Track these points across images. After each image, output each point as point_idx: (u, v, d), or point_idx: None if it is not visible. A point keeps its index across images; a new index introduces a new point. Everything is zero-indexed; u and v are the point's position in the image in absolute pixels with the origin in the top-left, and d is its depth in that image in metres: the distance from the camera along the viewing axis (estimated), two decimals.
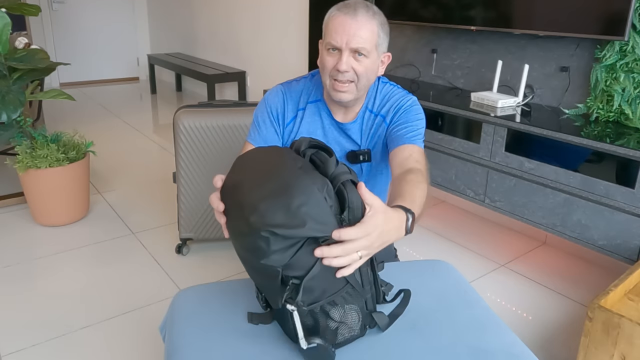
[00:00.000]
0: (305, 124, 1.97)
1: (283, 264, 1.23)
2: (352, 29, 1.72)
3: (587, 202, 2.75)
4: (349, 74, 1.77)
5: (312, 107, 1.98)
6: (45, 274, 3.13)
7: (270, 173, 1.30)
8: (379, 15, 1.79)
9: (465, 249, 3.54)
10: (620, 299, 2.30)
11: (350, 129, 1.96)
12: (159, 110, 7.59)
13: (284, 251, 1.22)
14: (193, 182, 3.17)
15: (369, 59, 1.77)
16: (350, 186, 1.27)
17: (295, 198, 1.20)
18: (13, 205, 4.00)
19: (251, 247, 1.25)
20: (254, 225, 1.20)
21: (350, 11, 1.73)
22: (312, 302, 1.31)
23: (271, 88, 2.03)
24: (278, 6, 5.95)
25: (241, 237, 1.31)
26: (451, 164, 3.39)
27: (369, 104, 1.96)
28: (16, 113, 3.22)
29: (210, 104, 3.21)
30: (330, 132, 1.98)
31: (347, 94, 1.81)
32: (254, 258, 1.25)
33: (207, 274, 3.15)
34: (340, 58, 1.75)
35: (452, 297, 1.65)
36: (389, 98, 1.96)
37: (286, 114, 1.98)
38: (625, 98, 2.96)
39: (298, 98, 1.99)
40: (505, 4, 3.39)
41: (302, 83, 2.02)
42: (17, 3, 3.69)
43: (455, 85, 3.98)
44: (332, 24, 1.76)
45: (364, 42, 1.73)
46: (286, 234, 1.19)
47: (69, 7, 8.43)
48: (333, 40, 1.75)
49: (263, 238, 1.20)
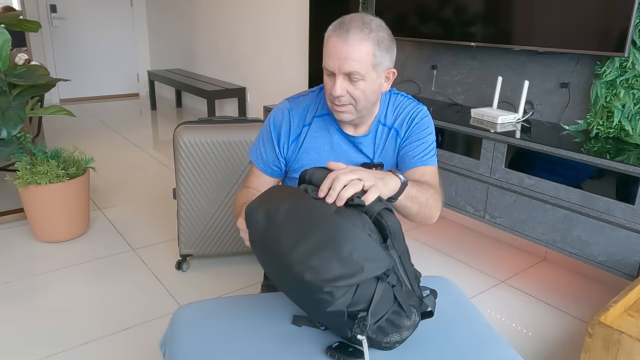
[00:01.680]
0: (311, 139, 1.92)
1: (347, 304, 1.26)
2: (343, 52, 1.65)
3: (587, 218, 2.75)
4: (344, 98, 1.72)
5: (319, 122, 1.92)
6: (45, 290, 3.12)
7: (307, 223, 1.31)
8: (377, 32, 1.69)
9: (465, 265, 3.53)
10: (621, 315, 2.30)
11: (362, 142, 1.91)
12: (159, 126, 7.61)
13: (345, 294, 1.25)
14: (193, 198, 3.17)
15: (365, 81, 1.70)
16: (386, 213, 1.32)
17: (344, 246, 1.23)
18: (13, 221, 4.00)
19: (314, 300, 1.28)
20: (313, 283, 1.23)
21: (343, 33, 1.65)
22: (375, 322, 1.34)
23: (279, 103, 1.99)
24: (278, 23, 5.97)
25: (298, 292, 1.36)
26: (451, 180, 3.39)
27: (381, 117, 1.91)
28: (16, 129, 3.22)
29: (210, 120, 3.22)
30: (339, 146, 1.92)
31: (346, 114, 1.78)
32: (318, 308, 1.29)
33: (207, 290, 3.15)
34: (335, 83, 1.70)
35: (452, 313, 1.65)
36: (402, 110, 1.92)
37: (291, 131, 1.93)
38: (625, 114, 2.96)
39: (305, 113, 1.94)
40: (505, 20, 3.41)
41: (310, 98, 1.97)
42: (17, 19, 3.70)
43: (455, 101, 3.99)
44: (327, 47, 1.71)
45: (357, 66, 1.66)
46: (349, 283, 1.23)
47: (68, 23, 8.46)
48: (327, 65, 1.71)
49: (326, 292, 1.23)
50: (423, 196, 1.61)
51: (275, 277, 1.43)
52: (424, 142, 1.87)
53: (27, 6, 7.52)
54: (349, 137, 1.90)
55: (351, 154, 1.92)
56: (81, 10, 8.52)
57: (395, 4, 4.07)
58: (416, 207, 1.60)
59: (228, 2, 6.86)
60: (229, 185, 3.18)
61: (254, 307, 1.61)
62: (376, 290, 1.29)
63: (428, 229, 4.02)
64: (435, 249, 3.74)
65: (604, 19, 2.90)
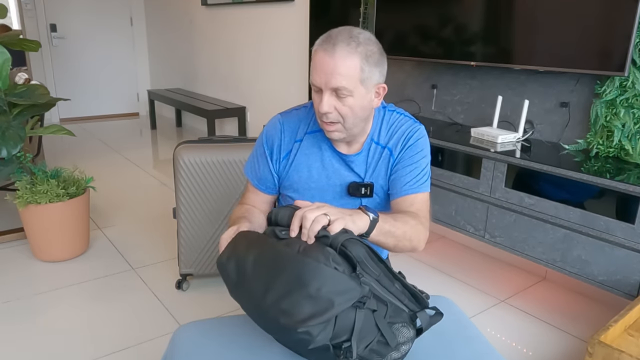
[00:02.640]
0: (302, 156, 1.88)
1: (329, 338, 1.28)
2: (329, 67, 1.60)
3: (587, 238, 2.75)
4: (332, 115, 1.67)
5: (310, 138, 1.88)
6: (45, 309, 3.12)
7: (274, 269, 1.34)
8: (365, 45, 1.63)
9: (466, 284, 3.53)
10: (621, 334, 2.30)
11: (354, 161, 1.86)
12: (159, 145, 7.62)
13: (325, 329, 1.26)
14: (193, 217, 3.17)
15: (353, 97, 1.65)
16: (350, 243, 1.34)
17: (311, 284, 1.25)
18: (13, 241, 3.99)
19: (294, 340, 1.31)
20: (289, 326, 1.25)
21: (329, 47, 1.60)
22: (366, 346, 1.34)
23: (272, 118, 1.96)
24: (279, 43, 6.01)
25: (279, 334, 1.39)
26: (451, 199, 3.40)
27: (374, 135, 1.86)
28: (16, 149, 3.23)
29: (210, 139, 3.22)
30: (331, 164, 1.87)
31: (336, 133, 1.74)
32: (300, 347, 1.31)
33: (207, 309, 3.14)
34: (322, 99, 1.65)
35: (452, 333, 1.65)
36: (397, 129, 1.86)
37: (282, 147, 1.89)
38: (625, 133, 2.97)
39: (296, 129, 1.90)
40: (505, 40, 3.42)
41: (302, 112, 1.93)
42: (17, 39, 3.71)
43: (455, 120, 4.00)
44: (313, 61, 1.66)
45: (344, 81, 1.61)
46: (321, 320, 1.24)
47: (68, 42, 8.51)
48: (313, 80, 1.66)
49: (302, 333, 1.24)
50: (399, 230, 1.58)
51: (258, 321, 1.45)
52: (417, 167, 1.83)
53: (27, 25, 7.57)
54: (341, 155, 1.86)
55: (342, 172, 1.88)
56: (81, 29, 8.57)
57: (395, 23, 4.09)
58: (392, 241, 1.57)
59: (229, 25, 6.89)
60: (229, 204, 3.18)
61: (254, 326, 1.61)
62: (356, 318, 1.30)
63: (428, 249, 4.02)
64: (436, 268, 3.74)
65: (604, 38, 2.91)
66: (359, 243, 1.35)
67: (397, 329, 1.38)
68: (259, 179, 1.95)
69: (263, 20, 6.21)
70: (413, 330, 1.42)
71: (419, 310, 1.44)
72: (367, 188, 1.86)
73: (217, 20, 7.14)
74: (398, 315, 1.39)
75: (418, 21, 3.94)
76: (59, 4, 8.27)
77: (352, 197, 1.89)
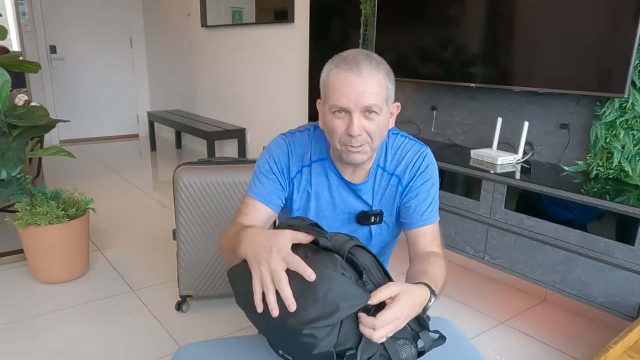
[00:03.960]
0: (309, 184, 1.83)
1: (333, 344, 1.28)
2: (359, 87, 1.54)
3: (587, 260, 2.75)
4: (362, 137, 1.60)
5: (317, 167, 1.82)
6: (45, 331, 3.11)
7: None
8: (383, 65, 1.62)
9: (466, 306, 3.52)
10: (621, 356, 2.29)
11: (362, 189, 1.81)
12: (159, 167, 7.63)
13: (329, 335, 1.27)
14: (193, 239, 3.17)
15: (380, 116, 1.60)
16: (357, 250, 1.35)
17: (318, 288, 1.27)
18: (13, 263, 3.99)
19: (299, 345, 1.29)
20: (294, 328, 1.26)
21: (353, 67, 1.55)
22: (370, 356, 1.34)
23: (273, 139, 1.88)
24: (279, 65, 6.04)
25: (285, 340, 1.38)
26: (451, 221, 3.40)
27: (380, 161, 1.81)
28: (16, 170, 3.23)
29: (210, 161, 3.23)
30: (338, 192, 1.83)
31: (361, 155, 1.66)
32: (305, 352, 1.30)
33: (207, 331, 3.13)
34: (352, 121, 1.58)
35: (452, 354, 1.64)
36: (404, 155, 1.82)
37: (291, 167, 1.82)
38: (625, 155, 2.98)
39: (302, 153, 1.83)
40: (505, 62, 3.44)
41: (306, 136, 1.85)
42: (17, 60, 3.72)
43: (455, 142, 4.01)
44: (334, 84, 1.59)
45: (375, 99, 1.56)
46: (326, 324, 1.25)
47: (69, 64, 8.54)
48: (340, 102, 1.57)
49: (307, 335, 1.25)
50: (442, 281, 1.57)
51: (263, 329, 1.46)
52: (429, 196, 1.82)
53: (27, 47, 7.60)
54: (349, 183, 1.82)
55: (350, 201, 1.84)
56: (81, 51, 8.61)
57: (395, 45, 4.12)
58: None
59: (229, 46, 6.93)
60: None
61: (254, 348, 1.61)
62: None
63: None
64: None
65: (604, 60, 2.93)
66: (365, 251, 1.36)
67: (400, 345, 1.39)
68: (262, 194, 1.81)
69: (263, 42, 6.25)
70: (415, 350, 1.42)
71: (421, 330, 1.44)
72: (376, 217, 1.83)
73: (217, 42, 7.18)
74: (401, 331, 1.39)
75: (418, 43, 3.96)
76: (59, 26, 8.32)
77: (362, 226, 1.87)
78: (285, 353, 1.42)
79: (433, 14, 3.84)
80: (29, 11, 7.89)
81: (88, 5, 8.52)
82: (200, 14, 7.31)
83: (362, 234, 1.88)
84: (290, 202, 1.87)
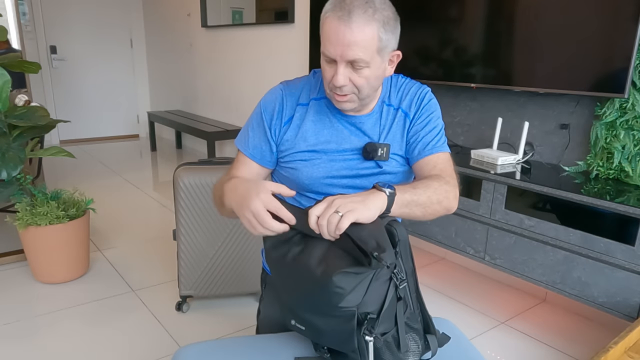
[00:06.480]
0: (308, 122, 1.76)
1: (358, 303, 1.28)
2: (345, 38, 1.49)
3: (587, 260, 2.75)
4: (347, 87, 1.58)
5: (316, 105, 1.78)
6: (45, 331, 3.11)
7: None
8: (382, 11, 1.52)
9: (465, 306, 3.52)
10: (621, 356, 2.29)
11: (365, 122, 1.75)
12: (159, 167, 7.63)
13: (357, 290, 1.27)
14: (193, 239, 3.17)
15: (370, 67, 1.56)
16: (397, 224, 1.36)
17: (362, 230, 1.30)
18: (13, 263, 3.99)
19: (325, 297, 1.28)
20: (325, 274, 1.26)
21: (345, 15, 1.48)
22: (384, 332, 1.34)
23: (272, 87, 1.86)
24: (279, 65, 6.04)
25: (308, 296, 1.36)
26: (451, 221, 3.40)
27: (385, 98, 1.78)
28: (16, 170, 3.23)
29: (210, 161, 3.23)
30: (341, 129, 1.76)
31: (348, 104, 1.64)
32: (329, 307, 1.29)
33: (207, 331, 3.13)
34: (337, 71, 1.56)
35: (452, 355, 1.64)
36: (407, 91, 1.81)
37: (284, 112, 1.79)
38: (625, 155, 2.98)
39: (298, 94, 1.80)
40: (505, 62, 3.44)
41: (304, 80, 1.83)
42: (17, 60, 3.72)
43: (456, 142, 4.01)
44: (325, 30, 1.55)
45: (361, 52, 1.51)
46: (357, 271, 1.26)
47: (69, 64, 8.54)
48: (327, 51, 1.56)
49: (336, 287, 1.25)
50: (422, 196, 1.50)
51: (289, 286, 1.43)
52: (435, 127, 1.78)
53: (27, 47, 7.58)
54: (351, 117, 1.76)
55: (354, 137, 1.76)
56: (81, 51, 8.61)
57: None
58: (419, 210, 1.50)
59: (229, 46, 6.93)
60: (229, 226, 3.18)
61: (254, 348, 1.61)
62: (388, 292, 1.31)
63: (428, 271, 4.02)
64: (436, 290, 3.73)
65: (604, 60, 2.93)
66: (403, 228, 1.37)
67: (410, 337, 1.39)
68: (253, 148, 1.81)
69: (263, 41, 6.25)
70: (421, 343, 1.42)
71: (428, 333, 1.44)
72: (383, 149, 1.73)
73: (217, 42, 7.18)
74: (413, 321, 1.39)
75: (418, 43, 3.95)
76: (59, 26, 8.32)
77: (368, 160, 1.76)
78: (306, 314, 1.39)
79: (433, 14, 3.84)
80: (29, 11, 7.89)
81: (88, 5, 8.52)
82: (200, 14, 7.30)
83: (369, 170, 1.78)
84: (288, 145, 1.79)
